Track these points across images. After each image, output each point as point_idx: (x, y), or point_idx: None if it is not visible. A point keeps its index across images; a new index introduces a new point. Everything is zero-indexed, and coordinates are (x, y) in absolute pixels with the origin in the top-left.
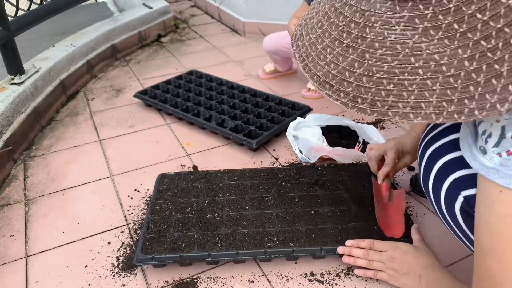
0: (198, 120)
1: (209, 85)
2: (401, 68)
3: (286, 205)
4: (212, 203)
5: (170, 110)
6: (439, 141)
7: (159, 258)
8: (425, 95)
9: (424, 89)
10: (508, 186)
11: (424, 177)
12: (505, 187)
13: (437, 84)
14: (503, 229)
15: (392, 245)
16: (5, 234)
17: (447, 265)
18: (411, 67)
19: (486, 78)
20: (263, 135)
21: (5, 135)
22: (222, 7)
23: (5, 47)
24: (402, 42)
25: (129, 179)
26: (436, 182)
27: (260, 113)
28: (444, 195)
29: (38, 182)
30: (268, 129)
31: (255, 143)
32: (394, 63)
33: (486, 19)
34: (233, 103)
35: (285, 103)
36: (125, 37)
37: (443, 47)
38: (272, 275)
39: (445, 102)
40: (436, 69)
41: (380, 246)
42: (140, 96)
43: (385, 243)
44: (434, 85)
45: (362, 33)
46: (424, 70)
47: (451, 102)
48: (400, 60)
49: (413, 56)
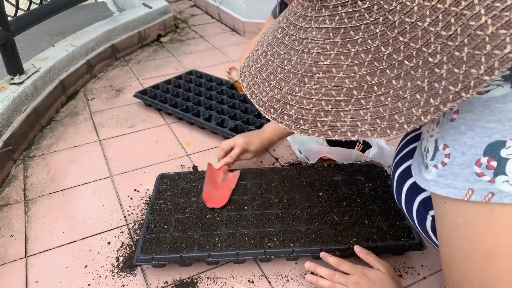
0: (198, 120)
1: (209, 85)
2: (337, 90)
3: (286, 205)
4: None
5: (170, 110)
6: (407, 162)
7: (159, 258)
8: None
9: (359, 108)
10: (448, 195)
11: (397, 197)
12: (448, 198)
13: (370, 103)
14: (455, 239)
15: (360, 270)
16: (5, 234)
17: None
18: (346, 89)
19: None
20: None
21: (5, 135)
22: (222, 7)
23: (4, 47)
24: (337, 66)
25: (129, 179)
26: (407, 202)
27: (260, 113)
28: (415, 215)
29: (38, 182)
30: None
31: None
32: (331, 85)
33: (407, 41)
34: (233, 103)
35: None
36: (125, 37)
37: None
38: (272, 275)
39: (378, 119)
40: (369, 89)
41: (347, 268)
42: (140, 96)
43: (354, 267)
44: (368, 104)
45: (301, 59)
46: (358, 90)
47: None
48: (336, 82)
49: (348, 78)
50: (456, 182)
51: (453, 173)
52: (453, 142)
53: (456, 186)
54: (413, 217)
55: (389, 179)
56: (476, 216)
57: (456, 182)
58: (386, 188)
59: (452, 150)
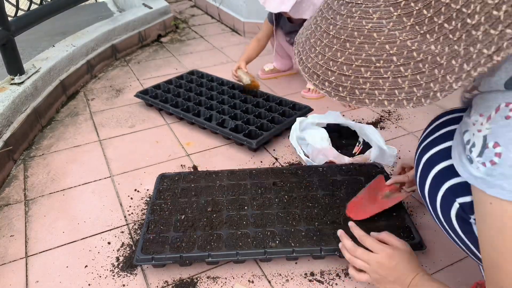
0: (199, 120)
1: (210, 85)
2: (377, 55)
3: (286, 205)
4: (212, 203)
5: (171, 110)
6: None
7: (159, 258)
8: (398, 82)
9: (397, 75)
10: (497, 195)
11: (420, 183)
12: (495, 198)
13: (408, 70)
14: (503, 242)
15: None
16: (5, 234)
17: (447, 265)
18: (386, 54)
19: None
20: (263, 135)
21: (5, 135)
22: (222, 7)
23: (5, 47)
24: (378, 30)
25: (129, 179)
26: (432, 188)
27: (260, 113)
28: (440, 202)
29: (38, 182)
30: (269, 129)
31: (255, 143)
32: (371, 51)
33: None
34: (233, 103)
35: (285, 104)
36: (125, 37)
37: (414, 33)
38: (272, 275)
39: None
40: (408, 55)
41: (370, 244)
42: (141, 96)
43: (378, 245)
44: (406, 71)
45: (344, 23)
46: (398, 57)
47: (420, 87)
48: (376, 47)
49: (388, 44)
50: (506, 183)
51: (503, 173)
52: (506, 141)
53: (506, 187)
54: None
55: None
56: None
57: (506, 183)
58: None
59: (504, 150)
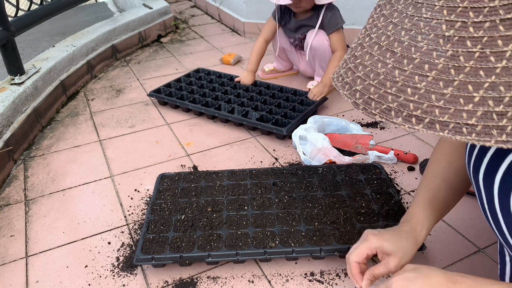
0: (222, 113)
1: (221, 81)
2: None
3: (286, 205)
4: (212, 203)
5: (191, 106)
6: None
7: (159, 258)
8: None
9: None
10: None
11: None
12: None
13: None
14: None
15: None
16: (5, 234)
17: (447, 265)
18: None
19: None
20: (291, 123)
21: (5, 135)
22: (222, 7)
23: (5, 47)
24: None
25: (129, 179)
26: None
27: (280, 103)
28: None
29: (38, 182)
30: (292, 118)
31: (285, 130)
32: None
33: None
34: (250, 95)
35: (300, 94)
36: (125, 37)
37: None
38: (272, 275)
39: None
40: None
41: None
42: (155, 94)
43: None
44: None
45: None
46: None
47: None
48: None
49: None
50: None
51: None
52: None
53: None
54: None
55: (389, 180)
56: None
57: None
58: (386, 188)
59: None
